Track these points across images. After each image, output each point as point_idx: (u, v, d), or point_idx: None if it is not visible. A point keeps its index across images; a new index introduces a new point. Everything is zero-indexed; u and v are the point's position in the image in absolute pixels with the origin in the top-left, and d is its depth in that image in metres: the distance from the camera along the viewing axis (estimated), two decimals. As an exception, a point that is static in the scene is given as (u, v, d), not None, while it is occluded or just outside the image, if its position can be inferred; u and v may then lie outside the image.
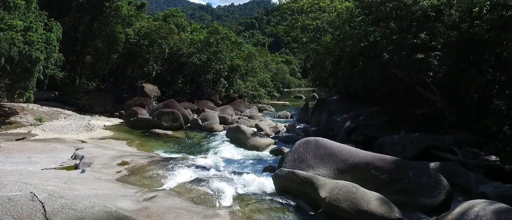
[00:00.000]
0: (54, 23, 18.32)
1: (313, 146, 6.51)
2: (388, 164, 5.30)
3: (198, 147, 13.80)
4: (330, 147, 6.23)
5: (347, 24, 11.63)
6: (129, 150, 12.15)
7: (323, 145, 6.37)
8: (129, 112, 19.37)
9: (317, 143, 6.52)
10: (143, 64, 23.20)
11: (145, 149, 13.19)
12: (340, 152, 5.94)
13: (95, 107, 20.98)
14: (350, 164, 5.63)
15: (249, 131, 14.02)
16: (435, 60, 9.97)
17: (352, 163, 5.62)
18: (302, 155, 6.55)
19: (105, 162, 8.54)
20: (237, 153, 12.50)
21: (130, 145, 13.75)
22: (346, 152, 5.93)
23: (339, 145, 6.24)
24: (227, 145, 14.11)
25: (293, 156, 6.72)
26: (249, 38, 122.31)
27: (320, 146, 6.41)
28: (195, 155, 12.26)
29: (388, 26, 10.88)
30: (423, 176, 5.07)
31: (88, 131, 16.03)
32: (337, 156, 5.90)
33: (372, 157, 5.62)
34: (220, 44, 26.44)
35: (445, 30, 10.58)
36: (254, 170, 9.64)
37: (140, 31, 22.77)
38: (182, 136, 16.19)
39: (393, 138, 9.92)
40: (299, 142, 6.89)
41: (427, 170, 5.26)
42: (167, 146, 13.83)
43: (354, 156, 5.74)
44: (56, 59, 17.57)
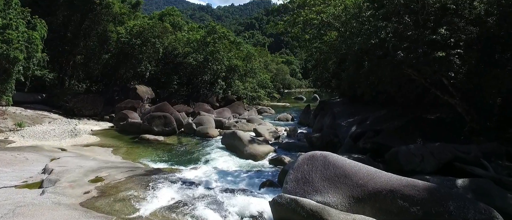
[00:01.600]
0: (38, 21, 17.14)
1: (321, 164, 5.27)
2: (421, 192, 4.03)
3: (189, 154, 12.57)
4: (342, 166, 4.99)
5: (354, 19, 10.40)
6: (112, 160, 10.93)
7: (333, 163, 5.13)
8: (119, 116, 18.15)
9: (326, 160, 5.28)
10: (136, 65, 21.98)
11: (131, 157, 11.97)
12: (356, 174, 4.71)
13: (84, 111, 19.75)
14: (369, 190, 4.39)
15: (246, 137, 12.79)
16: (456, 59, 8.74)
17: (372, 190, 4.38)
18: (307, 175, 5.31)
19: (76, 178, 7.31)
20: (232, 162, 11.27)
21: (115, 152, 12.53)
22: (364, 173, 4.69)
23: (353, 163, 5.00)
24: (221, 152, 12.88)
25: (295, 174, 5.48)
26: (249, 39, 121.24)
27: (330, 164, 5.17)
28: (185, 165, 11.04)
29: (402, 21, 9.64)
30: (470, 210, 3.81)
31: (72, 136, 14.81)
32: (352, 179, 4.67)
33: (398, 182, 4.36)
34: (218, 44, 25.20)
35: (465, 25, 9.33)
36: (250, 184, 8.41)
37: (133, 30, 21.55)
38: (174, 142, 14.96)
39: (409, 148, 8.66)
40: (303, 158, 5.64)
41: (474, 202, 4.02)
42: (156, 153, 12.61)
43: (374, 179, 4.50)
44: (39, 59, 16.37)
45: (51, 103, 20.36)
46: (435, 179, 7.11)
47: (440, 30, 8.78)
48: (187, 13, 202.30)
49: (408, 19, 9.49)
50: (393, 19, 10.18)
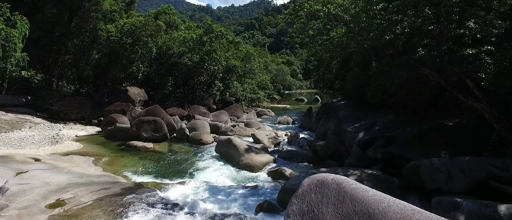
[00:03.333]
0: (18, 18, 15.86)
1: (334, 194, 3.96)
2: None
3: (179, 165, 11.26)
4: (363, 199, 3.69)
5: (364, 13, 9.12)
6: (89, 172, 9.62)
7: (351, 195, 3.82)
8: (107, 120, 16.86)
9: (340, 189, 3.97)
10: (127, 65, 20.69)
11: (113, 168, 10.67)
12: (385, 213, 3.42)
13: (71, 114, 18.46)
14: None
15: (243, 146, 11.49)
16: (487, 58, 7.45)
17: (411, 241, 3.10)
18: (315, 208, 4.00)
19: (31, 202, 6.01)
20: (226, 175, 9.96)
21: (96, 162, 11.23)
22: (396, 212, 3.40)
23: (378, 196, 3.69)
24: (215, 162, 11.58)
25: (300, 206, 4.16)
26: (249, 39, 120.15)
27: (346, 195, 3.86)
28: (173, 177, 9.74)
29: (420, 14, 8.35)
30: None
31: (52, 143, 13.51)
32: (379, 221, 3.38)
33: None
34: (214, 43, 23.89)
35: (494, 18, 8.02)
36: (244, 206, 7.11)
37: (123, 28, 20.25)
38: (164, 149, 13.65)
39: (433, 162, 7.37)
40: (310, 183, 4.30)
41: None
42: (142, 163, 11.30)
43: (412, 223, 3.21)
44: (18, 59, 15.09)
45: (36, 107, 19.06)
46: (469, 203, 5.80)
47: (468, 23, 7.47)
48: (187, 14, 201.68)
49: (428, 11, 8.18)
50: (409, 12, 8.88)
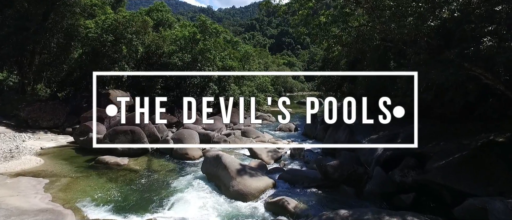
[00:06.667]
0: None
1: None
2: None
3: (153, 191, 8.86)
4: None
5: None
6: (27, 206, 7.24)
7: None
8: (80, 129, 14.47)
9: None
10: (109, 66, 18.34)
11: (67, 196, 8.31)
12: None
13: (41, 122, 16.13)
14: None
15: (234, 165, 9.09)
16: None
17: None
18: None
19: None
20: (211, 207, 7.58)
21: (48, 188, 8.85)
22: None
23: None
24: (199, 186, 9.18)
25: None
26: (249, 40, 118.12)
27: None
28: (141, 211, 7.38)
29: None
30: None
31: (6, 159, 11.17)
32: None
33: None
34: (208, 41, 21.53)
35: None
36: None
37: (104, 24, 17.93)
38: (141, 166, 11.27)
39: (507, 205, 4.97)
40: None
41: None
42: (107, 188, 8.92)
43: None
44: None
45: (3, 113, 16.75)
46: None
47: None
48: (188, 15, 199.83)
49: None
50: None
